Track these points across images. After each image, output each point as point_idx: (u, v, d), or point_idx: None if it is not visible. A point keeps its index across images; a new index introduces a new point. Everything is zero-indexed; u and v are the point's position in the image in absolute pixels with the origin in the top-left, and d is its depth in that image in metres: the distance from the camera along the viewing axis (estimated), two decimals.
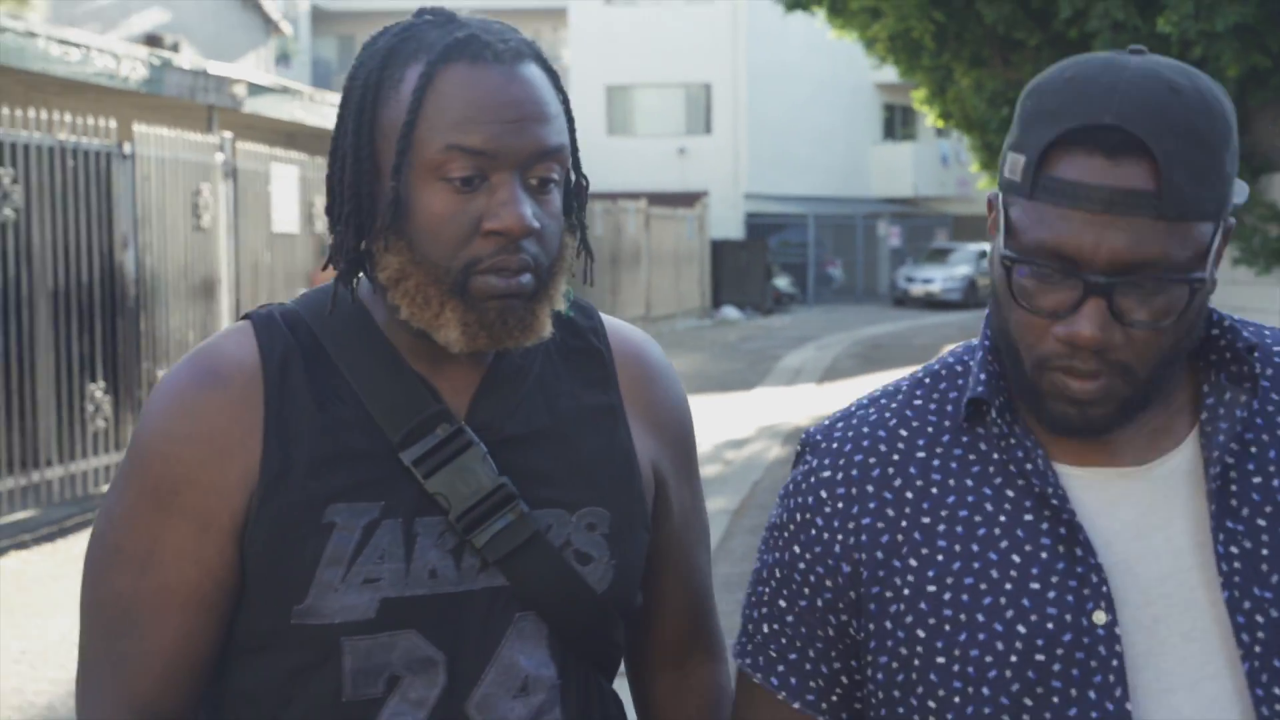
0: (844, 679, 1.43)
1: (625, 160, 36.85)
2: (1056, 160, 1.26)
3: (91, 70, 9.73)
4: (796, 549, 1.43)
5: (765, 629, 1.46)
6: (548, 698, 1.46)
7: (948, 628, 1.34)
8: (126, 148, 9.48)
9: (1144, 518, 1.34)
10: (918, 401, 1.44)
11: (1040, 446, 1.36)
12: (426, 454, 1.41)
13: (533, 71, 1.41)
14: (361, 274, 1.45)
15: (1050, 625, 1.31)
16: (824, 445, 1.45)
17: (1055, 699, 1.31)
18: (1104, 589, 1.31)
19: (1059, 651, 1.31)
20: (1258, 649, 1.29)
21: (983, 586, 1.34)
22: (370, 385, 1.43)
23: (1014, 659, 1.32)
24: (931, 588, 1.36)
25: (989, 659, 1.32)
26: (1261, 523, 1.32)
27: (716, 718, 1.64)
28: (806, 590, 1.42)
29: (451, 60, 1.37)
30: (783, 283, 33.68)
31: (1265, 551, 1.32)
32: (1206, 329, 1.37)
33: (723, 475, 11.02)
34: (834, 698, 1.44)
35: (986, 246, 18.91)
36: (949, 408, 1.42)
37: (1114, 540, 1.33)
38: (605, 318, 1.60)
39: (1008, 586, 1.33)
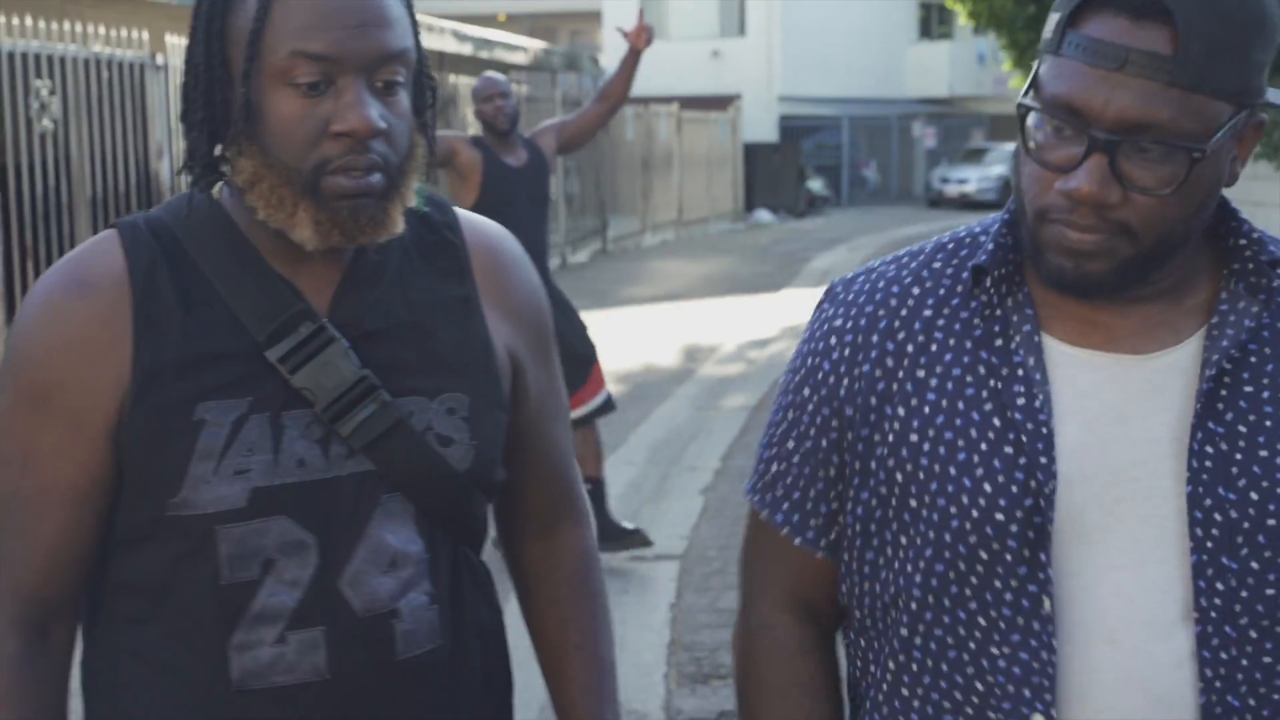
0: (841, 519, 1.49)
1: (659, 64, 36.50)
2: (1084, 19, 1.29)
3: None
4: (806, 391, 1.49)
5: (774, 468, 1.52)
6: (416, 571, 1.52)
7: (921, 475, 1.40)
8: (159, 58, 9.73)
9: (1129, 404, 1.37)
10: (936, 264, 1.47)
11: (1037, 319, 1.39)
12: (291, 351, 1.46)
13: None
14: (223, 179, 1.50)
15: (1010, 490, 1.36)
16: (841, 296, 1.50)
17: (993, 564, 1.36)
18: (1046, 459, 1.35)
19: (999, 518, 1.36)
20: (1209, 544, 1.33)
21: (960, 443, 1.38)
22: (234, 287, 1.48)
23: (963, 520, 1.37)
24: (914, 437, 1.41)
25: (952, 510, 1.38)
26: (1242, 429, 1.34)
27: (584, 576, 1.74)
28: (812, 432, 1.48)
29: None
30: (816, 185, 33.66)
31: (1239, 457, 1.34)
32: (1233, 237, 1.38)
33: (744, 374, 11.30)
34: (831, 536, 1.50)
35: None
36: (964, 273, 1.44)
37: (1095, 420, 1.36)
38: (460, 212, 1.66)
39: (973, 449, 1.38)
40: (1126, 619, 1.35)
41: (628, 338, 13.13)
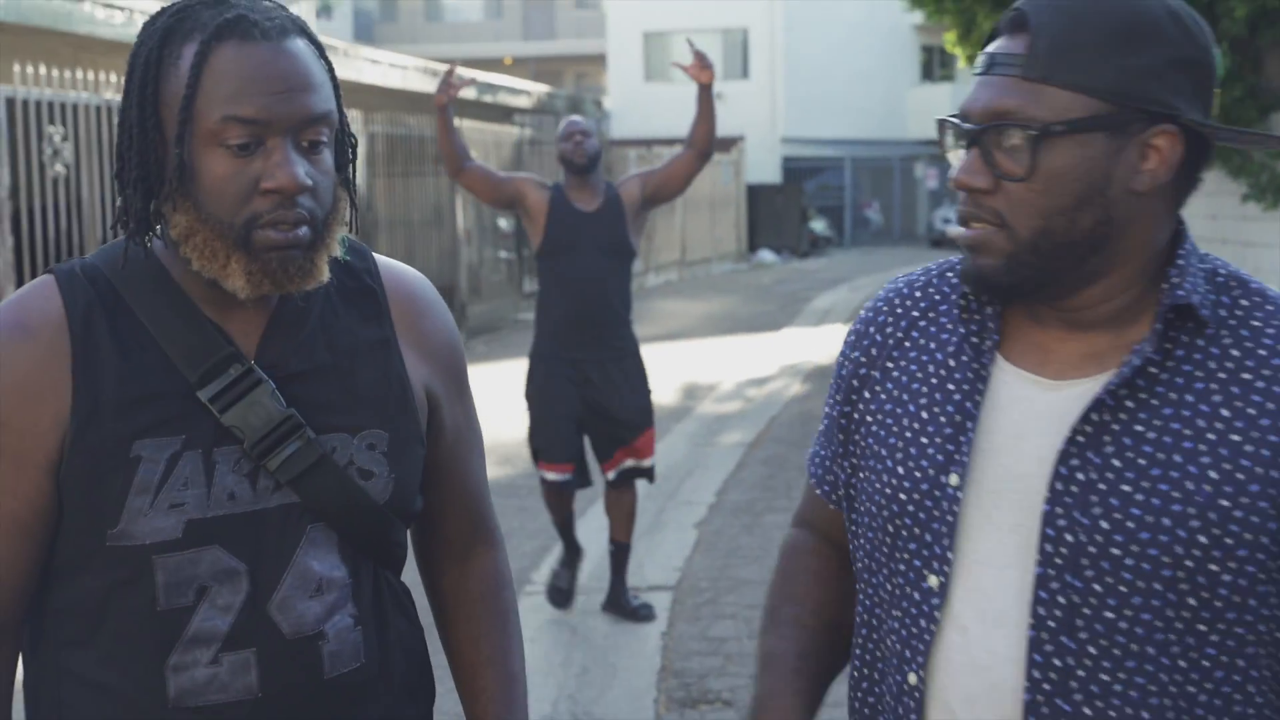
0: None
1: (663, 107, 36.98)
2: (990, 44, 1.48)
3: (134, 32, 10.14)
4: (839, 370, 1.68)
5: (819, 427, 1.74)
6: (340, 595, 1.62)
7: (880, 450, 1.56)
8: None
9: (1031, 423, 1.47)
10: (950, 274, 1.61)
11: (997, 339, 1.52)
12: (221, 391, 1.56)
13: (298, 46, 1.55)
14: (155, 232, 1.59)
15: (920, 476, 1.52)
16: (880, 294, 1.67)
17: (907, 537, 1.52)
18: (964, 460, 1.48)
19: (916, 497, 1.51)
20: (1056, 560, 1.42)
21: (896, 429, 1.55)
22: (167, 331, 1.57)
23: (884, 498, 1.55)
24: (880, 417, 1.58)
25: (886, 490, 1.55)
26: (1116, 463, 1.41)
27: (496, 595, 1.84)
28: (836, 399, 1.67)
29: (223, 38, 1.51)
30: (819, 226, 33.90)
31: (1103, 488, 1.41)
32: (1175, 274, 1.45)
33: (743, 411, 11.46)
34: (840, 493, 1.69)
35: None
36: (959, 291, 1.58)
37: (1002, 433, 1.48)
38: (379, 258, 1.76)
39: (903, 437, 1.54)
40: (979, 611, 1.48)
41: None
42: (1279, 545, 1.39)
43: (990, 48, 1.47)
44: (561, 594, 6.09)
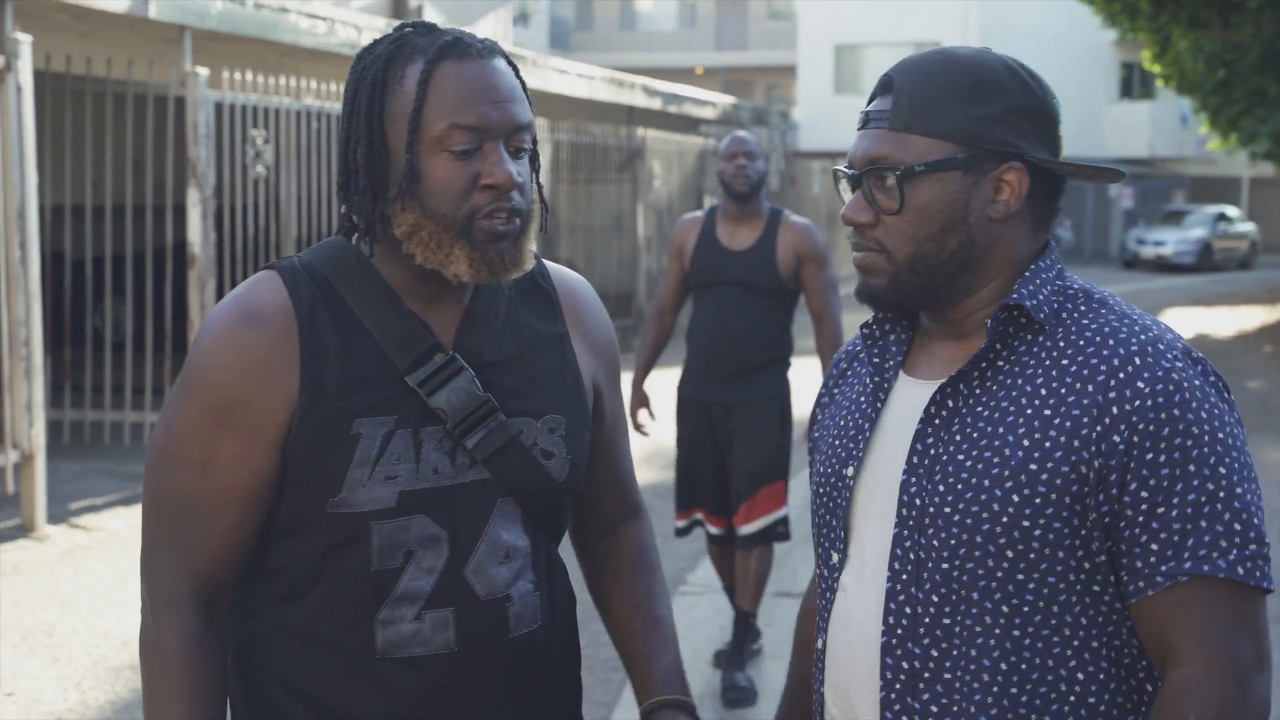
0: None
1: (851, 119, 36.74)
2: (868, 104, 1.76)
3: (335, 40, 10.69)
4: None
5: None
6: (523, 563, 1.83)
7: (814, 458, 1.88)
8: None
9: (905, 417, 1.74)
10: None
11: (903, 354, 1.79)
12: (427, 378, 1.77)
13: (503, 64, 1.78)
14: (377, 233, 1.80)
15: (829, 471, 1.81)
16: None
17: (820, 524, 1.81)
18: (859, 453, 1.76)
19: (825, 489, 1.80)
20: (909, 522, 1.67)
21: (828, 436, 1.85)
22: (379, 322, 1.78)
23: (816, 491, 1.84)
24: (819, 434, 1.89)
25: (813, 488, 1.85)
26: (958, 438, 1.66)
27: (643, 555, 2.06)
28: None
29: (444, 58, 1.74)
30: None
31: (945, 458, 1.65)
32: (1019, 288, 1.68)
33: None
34: None
35: (1225, 209, 18.67)
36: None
37: (889, 428, 1.75)
38: (546, 263, 1.98)
39: (831, 442, 1.83)
40: (859, 575, 1.74)
41: (800, 389, 13.37)
42: (1080, 504, 1.59)
43: (866, 107, 1.73)
44: (739, 692, 5.21)
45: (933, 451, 1.68)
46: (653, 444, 7.77)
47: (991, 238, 1.69)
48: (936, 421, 1.69)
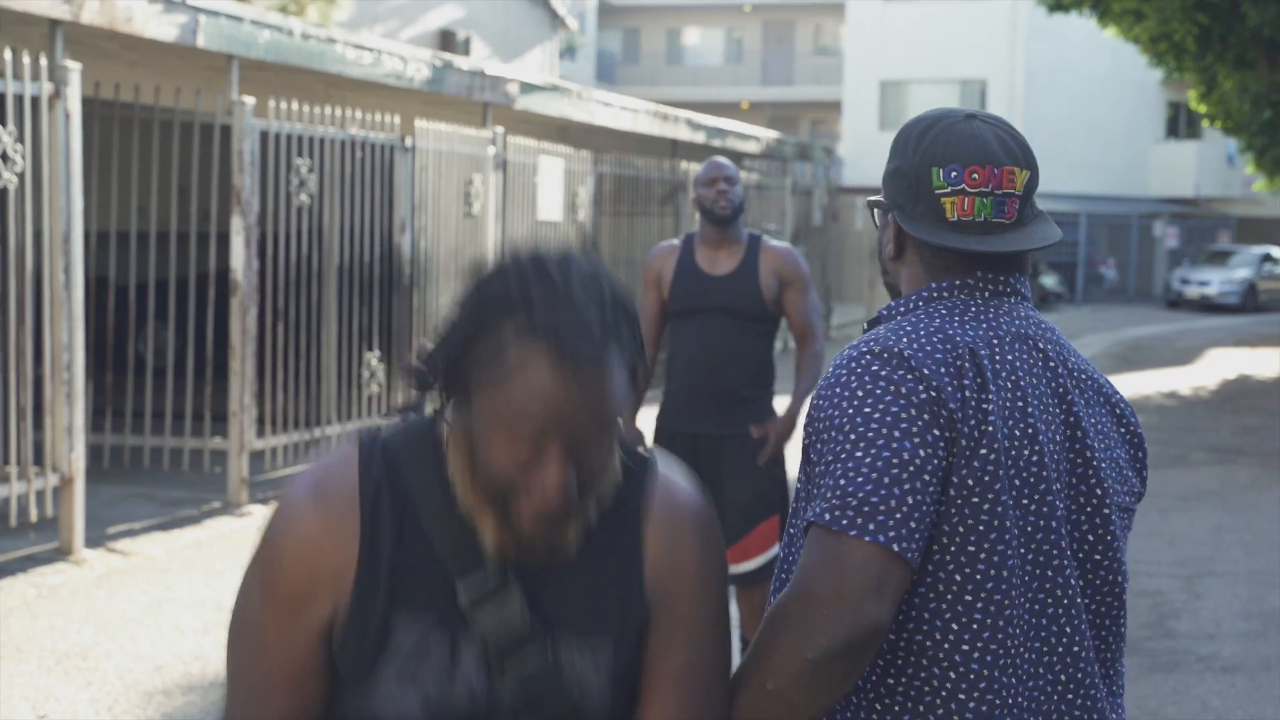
0: None
1: None
2: None
3: (381, 71, 10.77)
4: None
5: None
6: None
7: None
8: (408, 141, 10.49)
9: None
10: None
11: None
12: (474, 585, 1.67)
13: (611, 368, 1.60)
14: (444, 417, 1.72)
15: None
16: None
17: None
18: None
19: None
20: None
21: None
22: (434, 523, 1.69)
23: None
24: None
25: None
26: None
27: None
28: None
29: (536, 358, 1.58)
30: (1050, 281, 33.28)
31: None
32: None
33: None
34: None
35: (1271, 249, 19.09)
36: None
37: None
38: (660, 474, 1.79)
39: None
40: None
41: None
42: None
43: None
44: None
45: None
46: None
47: (896, 273, 2.01)
48: None
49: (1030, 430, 1.83)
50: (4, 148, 7.07)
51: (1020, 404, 1.83)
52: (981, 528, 1.77)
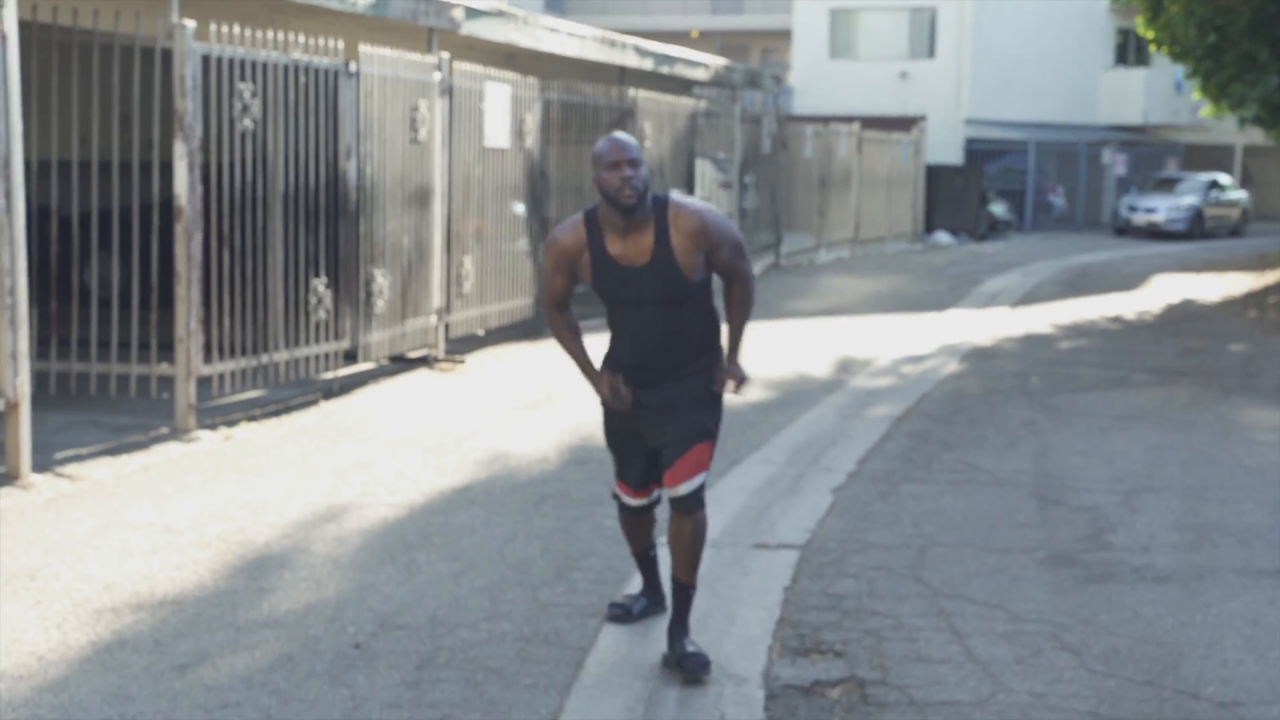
0: None
1: (846, 83, 36.88)
2: None
3: None
4: None
5: None
6: None
7: None
8: (352, 66, 10.43)
9: None
10: None
11: None
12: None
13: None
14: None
15: None
16: None
17: None
18: None
19: None
20: None
21: None
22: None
23: None
24: None
25: None
26: None
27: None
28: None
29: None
30: (999, 209, 33.45)
31: None
32: None
33: (894, 386, 11.57)
34: None
35: (1217, 176, 19.78)
36: None
37: None
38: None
39: None
40: None
41: (787, 348, 13.49)
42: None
43: None
44: (620, 609, 5.62)
45: None
46: (573, 421, 7.79)
47: None
48: None
49: None
50: None
51: None
52: None
